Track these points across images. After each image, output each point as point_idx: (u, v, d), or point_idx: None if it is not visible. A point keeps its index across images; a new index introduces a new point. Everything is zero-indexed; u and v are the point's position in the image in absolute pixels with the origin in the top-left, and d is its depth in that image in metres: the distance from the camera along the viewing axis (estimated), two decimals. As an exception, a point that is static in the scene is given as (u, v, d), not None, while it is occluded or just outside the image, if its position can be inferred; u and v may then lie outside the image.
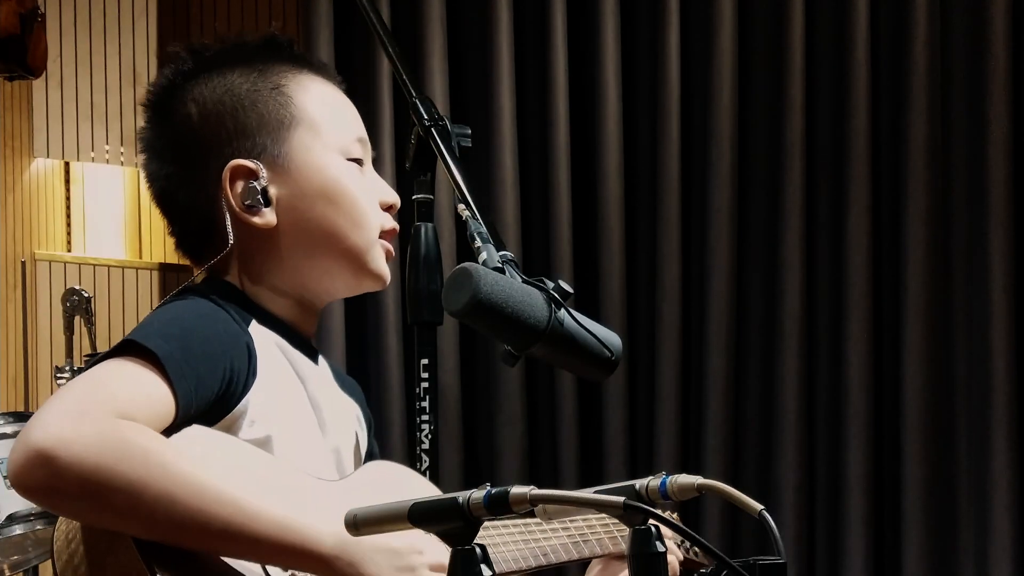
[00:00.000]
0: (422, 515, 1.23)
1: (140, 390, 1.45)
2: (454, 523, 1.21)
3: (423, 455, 1.89)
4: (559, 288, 1.50)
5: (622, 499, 1.21)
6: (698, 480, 1.31)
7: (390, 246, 1.74)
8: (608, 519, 1.89)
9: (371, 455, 1.82)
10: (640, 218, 4.24)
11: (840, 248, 4.11)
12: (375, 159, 1.80)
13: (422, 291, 1.89)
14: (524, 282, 1.50)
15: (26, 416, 3.49)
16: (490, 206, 4.07)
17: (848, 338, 4.07)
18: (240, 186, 1.65)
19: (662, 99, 4.17)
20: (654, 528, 1.22)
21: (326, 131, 1.70)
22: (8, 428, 3.39)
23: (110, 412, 1.40)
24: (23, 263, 4.52)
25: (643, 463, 4.16)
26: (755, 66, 4.20)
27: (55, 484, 1.37)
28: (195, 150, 1.68)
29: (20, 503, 3.30)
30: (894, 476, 4.09)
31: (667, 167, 4.17)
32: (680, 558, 1.93)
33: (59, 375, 3.74)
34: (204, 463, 1.45)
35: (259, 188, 1.65)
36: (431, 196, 1.90)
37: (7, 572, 3.49)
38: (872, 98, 4.12)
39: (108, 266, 4.82)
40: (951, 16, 4.11)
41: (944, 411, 4.07)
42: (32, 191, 4.75)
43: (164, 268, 4.88)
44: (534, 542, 1.77)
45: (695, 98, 4.22)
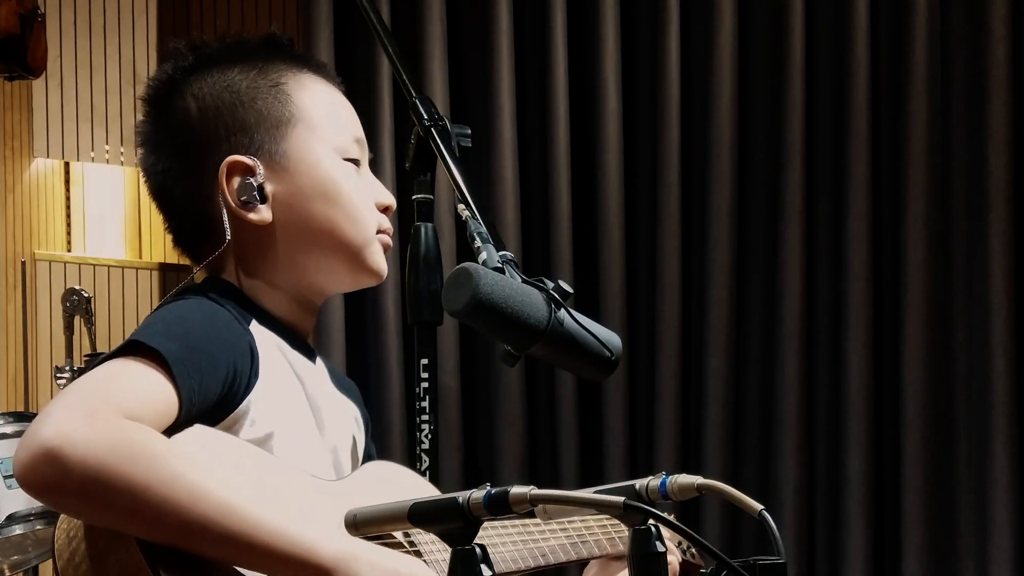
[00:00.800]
0: (422, 515, 1.23)
1: (145, 389, 1.45)
2: (454, 523, 1.21)
3: (423, 455, 1.89)
4: (559, 288, 1.50)
5: (622, 499, 1.21)
6: (698, 480, 1.31)
7: (388, 239, 1.75)
8: (607, 520, 1.89)
9: (368, 456, 1.82)
10: (640, 218, 4.24)
11: (840, 248, 4.11)
12: (375, 159, 1.81)
13: (422, 291, 1.89)
14: (524, 282, 1.50)
15: (26, 416, 3.49)
16: (490, 206, 4.07)
17: (848, 338, 4.07)
18: (236, 182, 1.66)
19: (662, 99, 4.17)
20: (654, 528, 1.22)
21: (324, 130, 1.70)
22: (8, 428, 3.39)
23: (117, 412, 1.41)
24: (23, 263, 4.52)
25: (643, 463, 4.16)
26: (755, 66, 4.20)
27: (61, 482, 1.37)
28: (193, 145, 1.68)
29: (20, 503, 3.30)
30: (894, 476, 4.09)
31: (667, 167, 4.17)
32: (679, 559, 1.93)
33: (59, 375, 3.74)
34: (208, 468, 1.44)
35: (255, 184, 1.65)
36: (431, 196, 1.90)
37: (7, 572, 3.49)
38: (872, 98, 4.12)
39: (108, 266, 4.82)
40: (951, 16, 4.11)
41: (944, 411, 4.07)
42: (32, 191, 4.75)
43: (164, 268, 4.88)
44: (533, 543, 1.77)
45: (695, 98, 4.22)
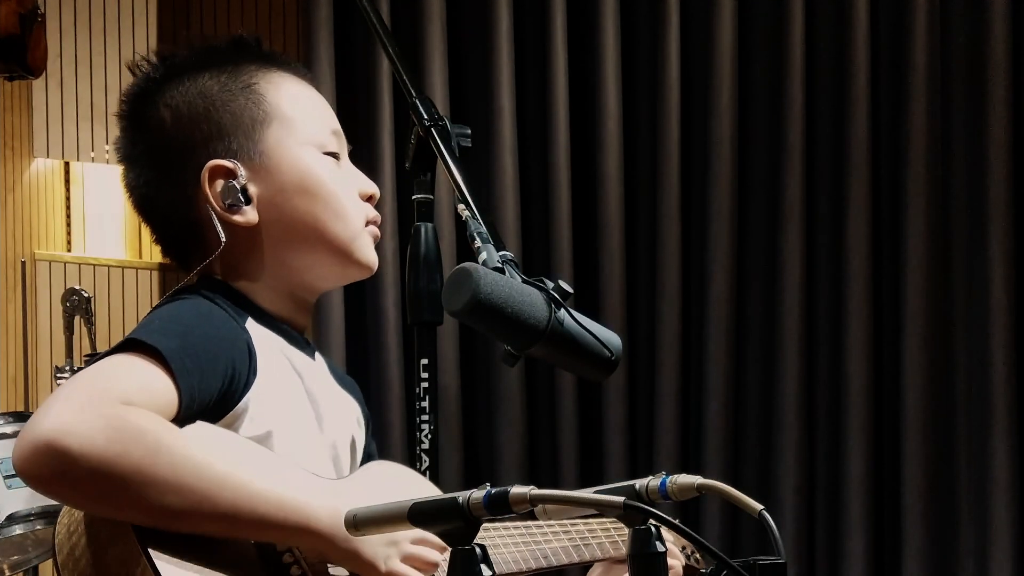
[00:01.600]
0: (422, 515, 1.23)
1: (145, 384, 1.46)
2: (454, 523, 1.21)
3: (423, 455, 1.89)
4: (559, 288, 1.50)
5: (622, 499, 1.21)
6: (698, 480, 1.31)
7: (377, 231, 1.75)
8: (609, 522, 1.89)
9: (369, 454, 1.83)
10: (640, 218, 4.24)
11: (840, 248, 4.11)
12: (376, 159, 1.81)
13: (422, 291, 1.89)
14: (524, 282, 1.50)
15: (26, 416, 3.48)
16: (490, 206, 4.07)
17: (848, 338, 4.07)
18: (219, 186, 1.66)
19: (662, 99, 4.17)
20: (654, 528, 1.22)
21: (299, 126, 1.70)
22: (8, 428, 3.39)
23: (115, 400, 1.42)
24: (23, 263, 4.52)
25: (643, 463, 4.16)
26: (755, 67, 4.20)
27: (64, 472, 1.38)
28: (171, 154, 1.68)
29: (20, 503, 3.29)
30: (894, 476, 4.09)
31: (667, 167, 4.17)
32: (682, 562, 1.93)
33: (59, 375, 3.73)
34: (209, 448, 1.47)
35: (238, 187, 1.66)
36: (431, 196, 1.91)
37: (7, 572, 3.49)
38: (872, 98, 4.12)
39: (108, 266, 4.82)
40: (951, 16, 4.11)
41: (944, 411, 4.07)
42: (32, 191, 4.75)
43: (164, 268, 4.87)
44: (534, 544, 1.77)
45: (695, 98, 4.22)
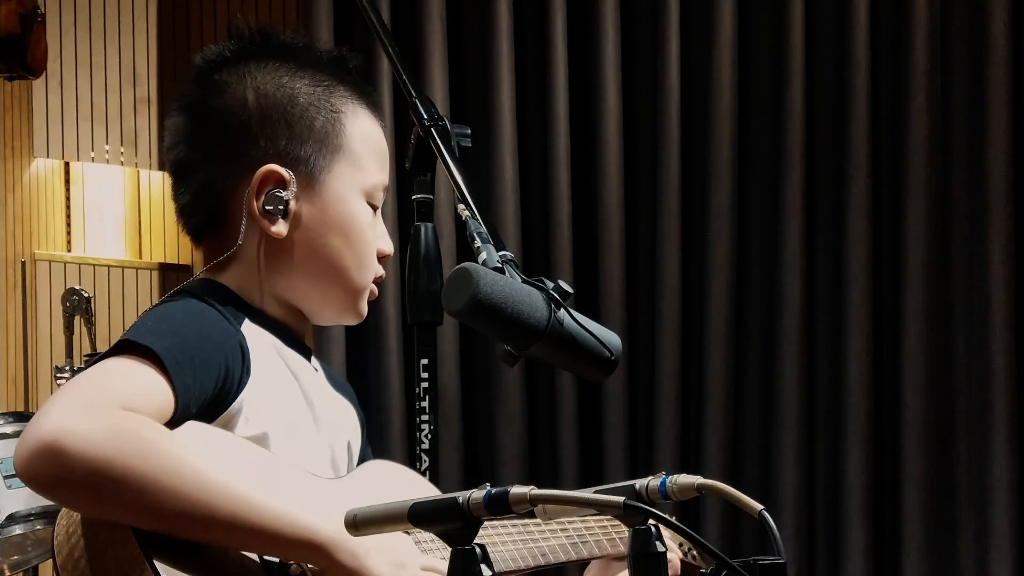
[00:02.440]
0: (422, 515, 1.23)
1: (140, 385, 1.46)
2: (454, 523, 1.21)
3: (423, 455, 1.89)
4: (559, 288, 1.50)
5: (622, 499, 1.21)
6: (698, 480, 1.31)
7: (376, 290, 1.76)
8: (607, 520, 1.89)
9: (363, 457, 1.83)
10: (640, 218, 4.24)
11: (840, 248, 4.11)
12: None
13: (422, 291, 1.89)
14: (524, 282, 1.50)
15: (26, 416, 3.49)
16: (490, 206, 4.07)
17: (848, 338, 4.07)
18: (267, 190, 1.66)
19: (662, 99, 4.17)
20: (654, 528, 1.22)
21: (364, 170, 1.71)
22: (8, 428, 3.39)
23: (115, 404, 1.42)
24: (23, 263, 4.52)
25: (643, 463, 4.16)
26: (755, 67, 4.20)
27: (63, 475, 1.38)
28: (238, 134, 1.67)
29: (20, 503, 3.30)
30: (894, 476, 4.09)
31: (667, 167, 4.17)
32: (679, 556, 1.93)
33: (59, 375, 3.74)
34: (207, 454, 1.46)
35: (284, 199, 1.65)
36: (431, 196, 1.91)
37: (7, 572, 3.49)
38: (872, 98, 4.12)
39: (108, 266, 4.82)
40: (951, 16, 4.11)
41: (944, 411, 4.07)
42: (32, 191, 4.75)
43: (164, 268, 4.88)
44: (532, 542, 1.78)
45: (695, 98, 4.22)
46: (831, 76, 4.15)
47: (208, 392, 1.53)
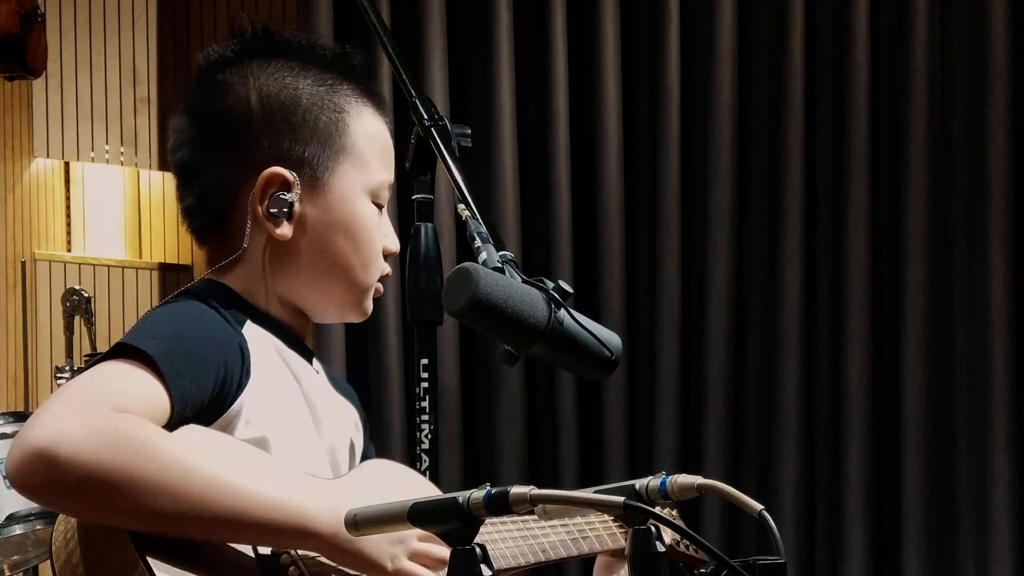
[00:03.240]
0: (422, 515, 1.23)
1: (136, 389, 1.46)
2: (454, 523, 1.21)
3: (423, 455, 1.89)
4: (559, 288, 1.50)
5: (622, 499, 1.21)
6: (698, 480, 1.31)
7: (382, 287, 1.76)
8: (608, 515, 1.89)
9: (366, 457, 1.83)
10: (640, 218, 4.24)
11: (840, 248, 4.11)
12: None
13: (422, 291, 1.89)
14: (524, 282, 1.50)
15: (26, 416, 3.48)
16: (490, 206, 4.07)
17: (848, 338, 4.07)
18: (271, 193, 1.65)
19: (662, 99, 4.17)
20: (654, 528, 1.22)
21: (367, 170, 1.70)
22: (8, 428, 3.39)
23: (108, 408, 1.41)
24: (23, 263, 4.52)
25: (643, 463, 4.16)
26: (755, 66, 4.20)
27: (56, 480, 1.38)
28: (242, 135, 1.66)
29: (20, 503, 3.29)
30: (894, 476, 4.09)
31: (667, 167, 4.17)
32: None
33: (59, 375, 3.73)
34: (201, 452, 1.46)
35: (288, 201, 1.65)
36: (431, 196, 1.90)
37: (7, 572, 3.49)
38: (872, 98, 4.12)
39: (108, 266, 4.82)
40: (951, 16, 4.11)
41: (944, 411, 4.07)
42: (32, 191, 4.75)
43: (164, 268, 4.87)
44: (532, 539, 1.77)
45: (695, 98, 4.22)
46: (831, 76, 4.15)
47: (206, 395, 1.52)
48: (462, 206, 1.67)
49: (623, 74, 4.21)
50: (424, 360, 1.91)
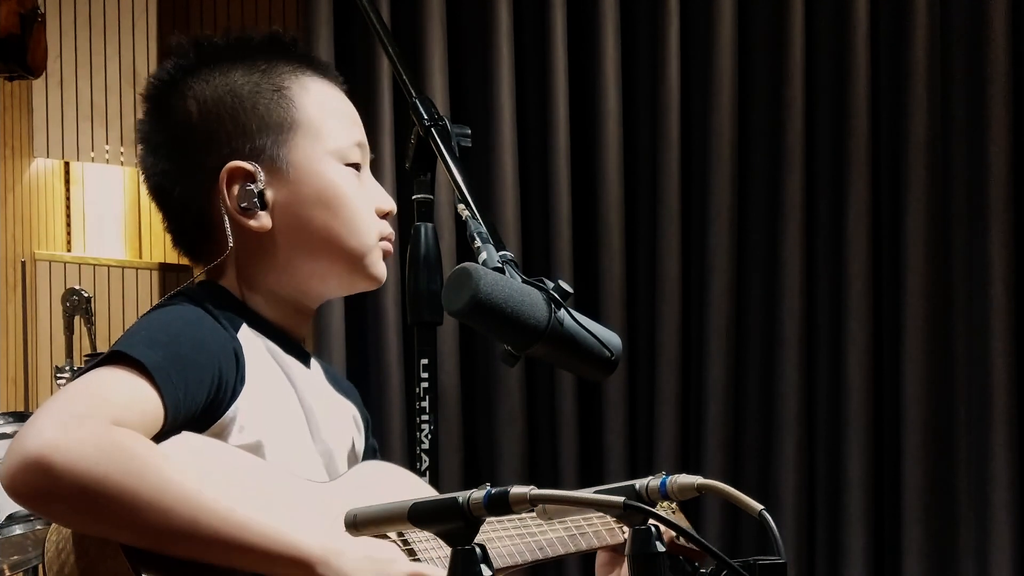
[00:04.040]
0: (422, 515, 1.23)
1: (129, 398, 1.45)
2: (454, 523, 1.21)
3: (423, 455, 1.89)
4: (559, 288, 1.50)
5: (622, 499, 1.21)
6: (698, 480, 1.31)
7: (389, 246, 1.74)
8: (605, 512, 1.88)
9: (373, 451, 1.82)
10: (640, 218, 4.24)
11: (840, 248, 4.11)
12: (376, 159, 1.80)
13: (422, 291, 1.88)
14: (524, 282, 1.50)
15: (26, 416, 3.48)
16: (490, 206, 4.07)
17: (848, 338, 4.07)
18: (237, 188, 1.65)
19: (662, 99, 4.17)
20: (654, 528, 1.22)
21: (326, 136, 1.69)
22: (8, 428, 3.39)
23: (103, 418, 1.41)
24: (23, 263, 4.52)
25: (643, 463, 4.16)
26: (755, 66, 4.20)
27: (50, 489, 1.37)
28: (193, 148, 1.67)
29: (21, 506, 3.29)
30: (894, 476, 4.09)
31: (667, 167, 4.17)
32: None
33: (59, 375, 3.73)
34: (196, 472, 1.45)
35: (256, 191, 1.65)
36: (431, 196, 1.90)
37: (7, 572, 3.49)
38: (872, 98, 4.12)
39: (108, 266, 4.82)
40: (951, 16, 4.11)
41: (944, 411, 4.07)
42: (32, 191, 4.75)
43: (164, 268, 4.87)
44: (530, 536, 1.77)
45: (695, 98, 4.22)
46: (831, 76, 4.16)
47: (200, 402, 1.52)
48: (462, 206, 1.67)
49: (623, 74, 4.21)
50: (424, 360, 1.91)
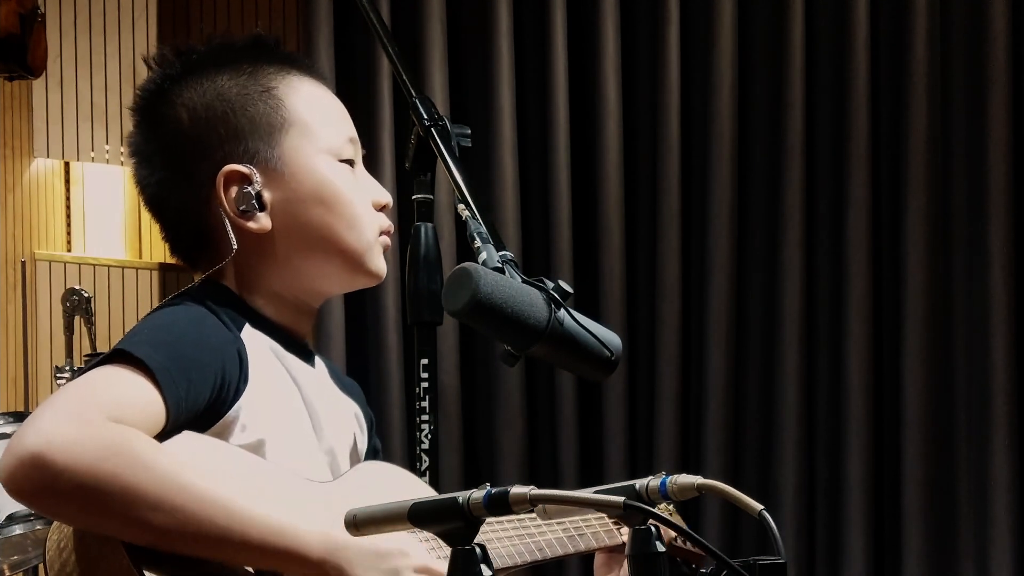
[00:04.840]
0: (422, 515, 1.23)
1: (131, 396, 1.45)
2: (454, 523, 1.21)
3: (423, 455, 1.89)
4: (559, 288, 1.50)
5: (622, 499, 1.21)
6: (698, 480, 1.31)
7: (388, 240, 1.75)
8: (604, 512, 1.88)
9: (375, 452, 1.83)
10: (640, 218, 4.24)
11: (840, 248, 4.11)
12: (376, 159, 1.80)
13: (422, 291, 1.88)
14: (524, 282, 1.50)
15: (26, 416, 3.48)
16: (490, 206, 4.07)
17: (848, 338, 4.07)
18: (234, 191, 1.65)
19: (662, 99, 4.17)
20: (654, 528, 1.22)
21: (317, 133, 1.69)
22: (8, 428, 3.39)
23: (104, 416, 1.41)
24: (23, 263, 4.52)
25: (643, 463, 4.16)
26: (755, 66, 4.20)
27: (50, 487, 1.37)
28: (186, 156, 1.67)
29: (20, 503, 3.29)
30: (894, 476, 4.09)
31: (667, 167, 4.17)
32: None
33: (59, 375, 3.73)
34: (197, 468, 1.45)
35: (253, 193, 1.65)
36: (431, 196, 1.90)
37: (7, 572, 3.49)
38: (872, 98, 4.12)
39: (108, 266, 4.82)
40: (951, 16, 4.11)
41: (944, 411, 4.07)
42: (32, 191, 4.75)
43: (164, 268, 4.88)
44: (529, 537, 1.77)
45: (695, 98, 4.22)
46: (831, 76, 4.15)
47: (202, 402, 1.52)
48: (462, 206, 1.67)
49: (623, 74, 4.21)
50: (424, 360, 1.91)
